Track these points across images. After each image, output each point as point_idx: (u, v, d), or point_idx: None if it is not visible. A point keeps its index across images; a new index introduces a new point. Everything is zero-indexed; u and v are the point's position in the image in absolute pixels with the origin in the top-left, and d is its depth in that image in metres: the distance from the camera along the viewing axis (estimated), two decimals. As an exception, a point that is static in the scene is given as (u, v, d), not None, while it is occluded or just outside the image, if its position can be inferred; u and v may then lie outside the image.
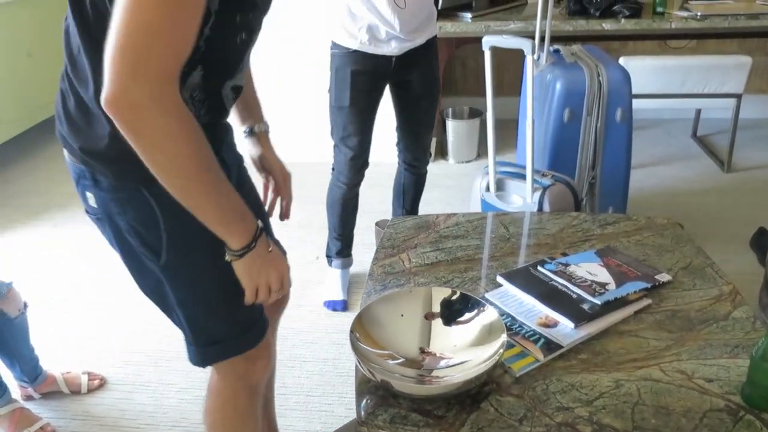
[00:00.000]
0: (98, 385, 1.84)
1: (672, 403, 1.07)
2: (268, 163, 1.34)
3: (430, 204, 2.68)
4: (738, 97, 3.03)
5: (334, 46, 1.96)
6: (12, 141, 3.55)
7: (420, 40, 1.96)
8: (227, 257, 0.99)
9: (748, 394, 1.06)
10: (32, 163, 3.56)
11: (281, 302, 1.44)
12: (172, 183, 0.89)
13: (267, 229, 1.15)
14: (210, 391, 1.23)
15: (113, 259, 1.09)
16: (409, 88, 2.08)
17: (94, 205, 1.05)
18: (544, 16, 2.29)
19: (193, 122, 0.88)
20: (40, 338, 2.07)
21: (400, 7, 1.83)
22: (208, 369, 1.18)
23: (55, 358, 1.96)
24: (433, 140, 3.37)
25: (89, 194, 1.04)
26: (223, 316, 1.11)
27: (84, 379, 1.83)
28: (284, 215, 1.36)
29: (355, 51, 1.92)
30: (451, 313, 1.23)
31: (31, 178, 3.39)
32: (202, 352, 1.13)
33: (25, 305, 1.69)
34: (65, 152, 1.06)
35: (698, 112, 3.57)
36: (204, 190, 0.91)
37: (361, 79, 1.96)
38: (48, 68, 3.60)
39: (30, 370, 1.75)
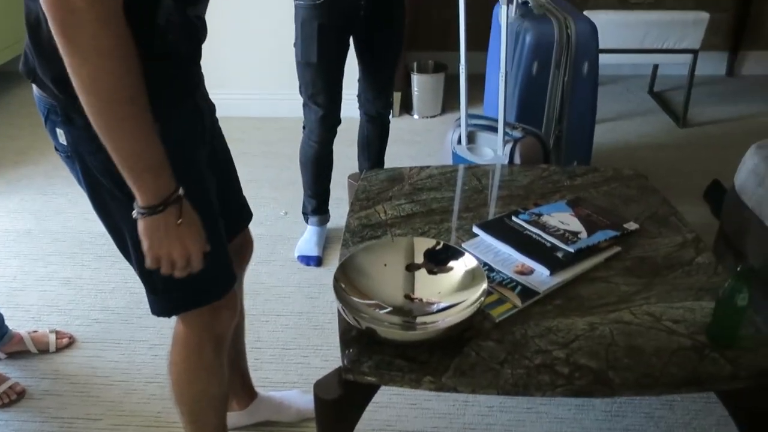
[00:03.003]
0: (67, 343, 1.81)
1: (643, 344, 1.12)
2: None
3: (396, 159, 2.68)
4: (695, 52, 3.10)
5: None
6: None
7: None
8: (134, 212, 0.93)
9: (713, 333, 1.12)
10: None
11: (245, 255, 1.42)
12: (89, 102, 0.84)
13: (203, 199, 1.05)
14: (175, 342, 1.21)
15: (80, 218, 1.05)
16: (374, 41, 2.04)
17: (64, 143, 1.00)
18: (512, -32, 2.27)
19: (128, 42, 0.83)
20: (5, 297, 2.02)
21: None
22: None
23: (20, 316, 1.91)
24: (398, 95, 3.35)
25: (60, 131, 0.99)
26: None
27: (52, 337, 1.79)
28: None
29: (322, 2, 1.86)
30: (434, 262, 1.25)
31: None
32: (160, 300, 1.10)
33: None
34: (34, 88, 1.00)
35: (655, 68, 3.64)
36: (120, 123, 0.86)
37: (328, 32, 1.91)
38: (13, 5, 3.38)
39: (-5, 329, 1.71)
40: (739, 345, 1.11)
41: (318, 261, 2.19)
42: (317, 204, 2.24)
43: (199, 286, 1.09)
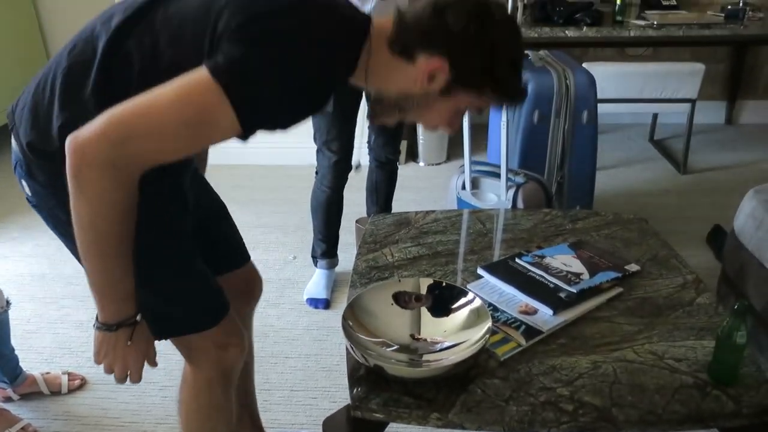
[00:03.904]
0: (79, 385, 1.83)
1: (646, 382, 1.15)
2: None
3: (403, 204, 2.74)
4: (692, 102, 3.19)
5: None
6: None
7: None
8: (93, 322, 1.01)
9: (714, 370, 1.14)
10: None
11: (252, 292, 1.46)
12: (79, 234, 0.91)
13: (175, 249, 1.12)
14: (184, 380, 1.24)
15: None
16: None
17: (30, 194, 1.07)
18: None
19: (134, 198, 0.90)
20: (19, 339, 2.05)
21: None
22: None
23: (34, 359, 1.94)
24: (404, 143, 3.44)
25: (25, 183, 1.06)
26: (168, 296, 1.12)
27: (64, 379, 1.81)
28: None
29: None
30: (439, 301, 1.28)
31: (-6, 181, 3.31)
32: (150, 325, 1.12)
33: (8, 303, 1.66)
34: (12, 136, 1.05)
35: (655, 116, 3.73)
36: (101, 258, 0.93)
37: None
38: (7, 58, 3.52)
39: (10, 370, 1.73)
40: (740, 382, 1.13)
41: (326, 304, 2.22)
42: (327, 248, 2.29)
43: (187, 317, 1.14)
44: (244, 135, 0.91)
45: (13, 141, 1.06)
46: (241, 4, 0.91)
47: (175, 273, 1.12)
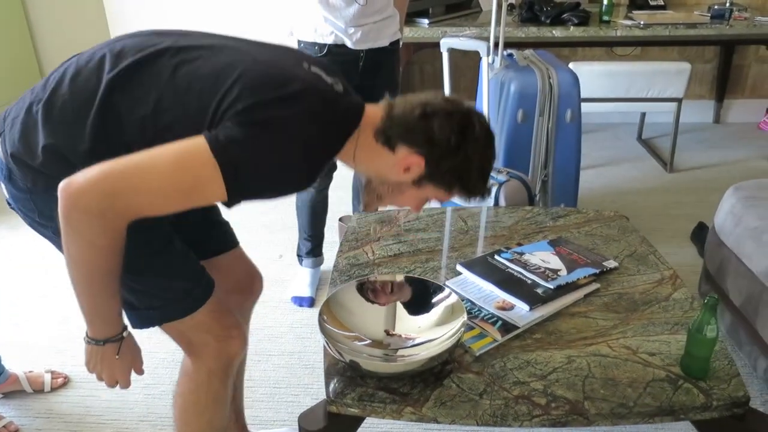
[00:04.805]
0: (62, 383, 1.83)
1: (618, 375, 1.16)
2: None
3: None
4: (679, 101, 3.21)
5: (301, 50, 2.01)
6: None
7: (384, 41, 2.02)
8: (83, 336, 1.08)
9: (686, 364, 1.16)
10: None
11: (252, 288, 1.48)
12: (70, 266, 0.97)
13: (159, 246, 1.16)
14: (184, 374, 1.25)
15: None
16: (371, 91, 2.13)
17: (8, 196, 1.11)
18: (497, 23, 2.39)
19: (120, 247, 0.96)
20: (1, 337, 2.05)
21: (358, 3, 1.89)
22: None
23: (16, 357, 1.94)
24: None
25: (4, 186, 1.09)
26: (148, 282, 1.14)
27: (47, 377, 1.81)
28: None
29: (323, 55, 1.96)
30: (414, 297, 1.29)
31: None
32: (138, 315, 1.16)
33: (-12, 303, 1.67)
34: None
35: (643, 116, 3.75)
36: (89, 287, 1.00)
37: None
38: None
39: (-8, 369, 1.74)
40: (712, 376, 1.14)
41: (311, 302, 2.23)
42: (312, 246, 2.30)
43: (174, 302, 1.16)
44: (229, 204, 0.98)
45: None
46: (251, 86, 0.96)
47: (153, 253, 1.13)
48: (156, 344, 1.97)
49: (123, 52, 1.03)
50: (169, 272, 1.15)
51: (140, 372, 1.15)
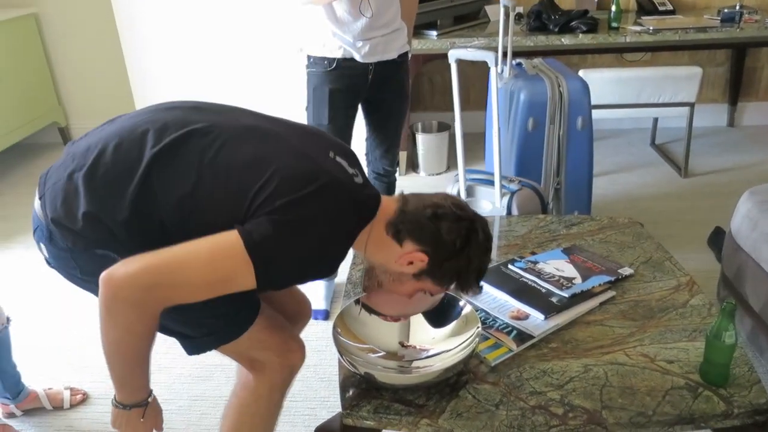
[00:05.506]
0: (81, 400, 1.85)
1: (637, 384, 1.15)
2: None
3: (403, 215, 2.75)
4: (691, 105, 3.18)
5: (311, 65, 2.03)
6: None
7: (392, 54, 2.04)
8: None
9: (705, 371, 1.14)
10: None
11: (303, 314, 1.50)
12: (105, 344, 1.04)
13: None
14: (243, 387, 1.28)
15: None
16: (381, 104, 2.15)
17: (47, 255, 1.16)
18: (506, 33, 2.40)
19: (154, 330, 1.03)
20: (21, 355, 2.07)
21: (365, 16, 1.91)
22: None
23: (36, 374, 1.96)
24: (404, 154, 3.45)
25: (43, 246, 1.15)
26: (202, 315, 1.17)
27: (66, 394, 1.83)
28: None
29: (333, 69, 1.98)
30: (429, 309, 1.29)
31: None
32: (194, 343, 1.20)
33: (9, 320, 1.69)
34: (38, 202, 1.13)
35: (656, 121, 3.72)
36: (120, 364, 1.07)
37: (338, 96, 2.02)
38: (16, 93, 3.59)
39: (12, 386, 1.75)
40: (732, 383, 1.13)
41: (326, 315, 2.23)
42: (326, 259, 2.30)
43: (225, 326, 1.19)
44: (257, 291, 1.05)
45: (37, 205, 1.13)
46: (288, 184, 1.04)
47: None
48: (172, 360, 1.99)
49: (166, 127, 1.09)
50: (218, 300, 1.16)
51: (161, 430, 1.21)
